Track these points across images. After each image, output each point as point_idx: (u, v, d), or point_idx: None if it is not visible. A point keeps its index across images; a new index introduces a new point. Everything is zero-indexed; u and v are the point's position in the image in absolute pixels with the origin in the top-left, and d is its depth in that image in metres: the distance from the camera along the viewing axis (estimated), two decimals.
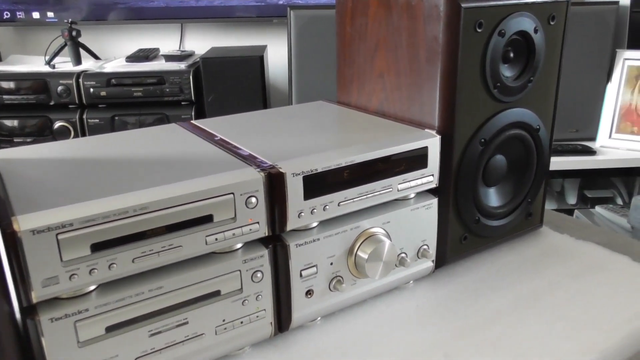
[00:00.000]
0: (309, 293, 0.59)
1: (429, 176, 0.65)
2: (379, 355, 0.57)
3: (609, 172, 1.78)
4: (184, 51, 1.86)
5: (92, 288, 0.47)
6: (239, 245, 0.55)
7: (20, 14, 1.88)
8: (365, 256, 0.60)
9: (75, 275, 0.44)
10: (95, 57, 1.91)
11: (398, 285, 0.68)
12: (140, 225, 0.46)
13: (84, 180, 0.51)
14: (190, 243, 0.49)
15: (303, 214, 0.56)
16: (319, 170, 0.56)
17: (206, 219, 0.50)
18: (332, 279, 0.60)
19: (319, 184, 0.56)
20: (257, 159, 0.56)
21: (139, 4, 1.86)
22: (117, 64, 1.78)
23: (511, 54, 0.67)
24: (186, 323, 0.51)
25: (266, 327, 0.57)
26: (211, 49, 1.88)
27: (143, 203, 0.46)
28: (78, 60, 1.80)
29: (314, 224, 0.59)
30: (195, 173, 0.51)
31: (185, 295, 0.50)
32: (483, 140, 0.68)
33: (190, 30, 2.03)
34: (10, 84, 1.67)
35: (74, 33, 1.77)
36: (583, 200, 1.85)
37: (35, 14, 1.88)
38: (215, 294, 0.52)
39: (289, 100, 1.64)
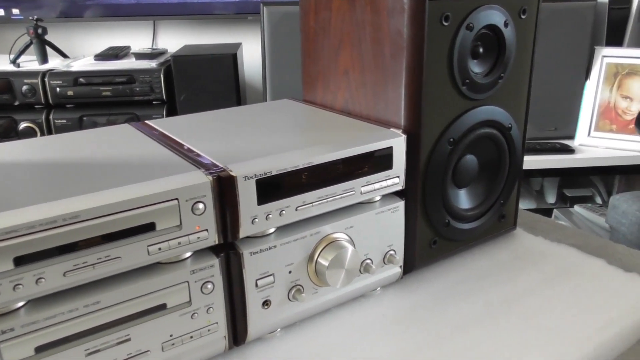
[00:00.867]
0: (266, 304, 0.55)
1: (395, 178, 0.62)
2: None
3: (588, 171, 1.77)
4: (155, 49, 1.81)
5: (20, 305, 0.43)
6: (188, 255, 0.51)
7: None
8: (326, 263, 0.57)
9: None
10: (63, 56, 1.85)
11: (364, 292, 0.65)
12: (70, 236, 0.42)
13: (10, 186, 0.46)
14: (130, 254, 0.45)
15: (257, 220, 0.52)
16: (273, 173, 0.52)
17: (147, 228, 0.46)
18: (292, 288, 0.57)
19: (274, 188, 0.53)
20: (208, 161, 0.53)
21: (110, 0, 1.81)
22: (85, 63, 1.73)
23: (480, 49, 0.64)
24: (128, 340, 0.47)
25: (219, 342, 0.53)
26: (184, 47, 1.84)
27: (74, 212, 0.42)
28: (44, 59, 1.74)
29: (271, 230, 0.55)
30: (136, 177, 0.47)
31: (126, 310, 0.47)
32: (452, 139, 0.65)
33: (164, 27, 1.98)
34: None
35: (40, 31, 1.71)
36: (562, 199, 1.83)
37: (0, 11, 1.82)
38: (160, 308, 0.49)
39: (264, 98, 1.60)
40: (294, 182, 0.54)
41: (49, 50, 1.78)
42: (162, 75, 1.63)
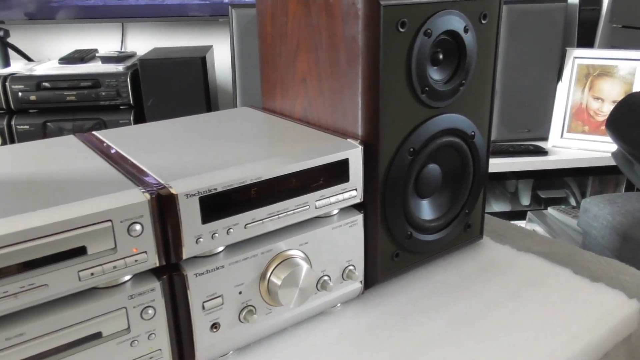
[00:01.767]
0: (214, 327, 0.52)
1: (352, 191, 0.59)
2: None
3: (562, 172, 1.76)
4: (122, 52, 1.76)
5: None
6: (127, 278, 0.48)
7: None
8: (279, 282, 0.54)
9: None
10: (27, 59, 1.80)
11: (323, 309, 0.62)
12: None
13: None
14: (58, 280, 0.42)
15: (202, 240, 0.49)
16: (218, 190, 0.49)
17: (77, 252, 0.43)
18: (243, 309, 0.54)
19: (219, 206, 0.50)
20: (149, 177, 0.49)
21: (75, 2, 1.76)
22: (50, 66, 1.68)
23: (440, 56, 0.62)
24: None
25: None
26: (153, 50, 1.80)
27: None
28: (6, 62, 1.69)
29: (220, 249, 0.52)
30: (67, 197, 0.44)
31: (55, 341, 0.43)
32: (412, 149, 0.62)
33: (133, 30, 1.94)
34: None
35: (2, 33, 1.66)
36: (537, 201, 1.82)
37: None
38: (95, 337, 0.45)
39: (234, 103, 1.57)
40: (241, 199, 0.51)
41: (11, 53, 1.73)
42: (129, 80, 1.58)
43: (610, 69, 1.65)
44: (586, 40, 1.80)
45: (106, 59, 1.66)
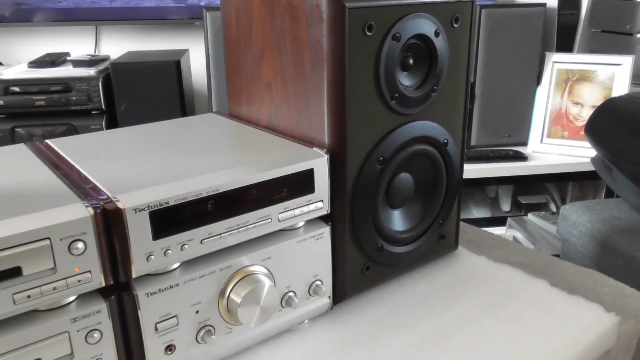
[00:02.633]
0: (169, 349, 0.49)
1: (318, 202, 0.56)
2: None
3: (542, 178, 1.75)
4: (94, 56, 1.71)
5: None
6: (71, 299, 0.44)
7: None
8: (239, 300, 0.51)
9: None
10: None
11: (289, 327, 0.59)
12: None
13: None
14: None
15: (153, 257, 0.46)
16: (171, 203, 0.46)
17: (11, 273, 0.39)
18: (200, 330, 0.51)
19: (172, 220, 0.46)
20: (97, 190, 0.46)
21: (46, 4, 1.71)
22: (18, 70, 1.62)
23: (410, 61, 0.59)
24: None
25: None
26: (127, 53, 1.75)
27: None
28: None
29: (175, 266, 0.49)
30: (2, 213, 0.41)
31: None
32: (382, 158, 0.59)
33: (107, 33, 1.89)
34: None
35: None
36: (517, 207, 1.81)
37: None
38: None
39: (209, 107, 1.53)
40: (197, 213, 0.48)
41: None
42: (101, 84, 1.54)
43: (589, 73, 1.64)
44: (565, 45, 1.80)
45: (77, 63, 1.61)
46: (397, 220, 0.65)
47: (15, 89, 1.52)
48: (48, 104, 1.53)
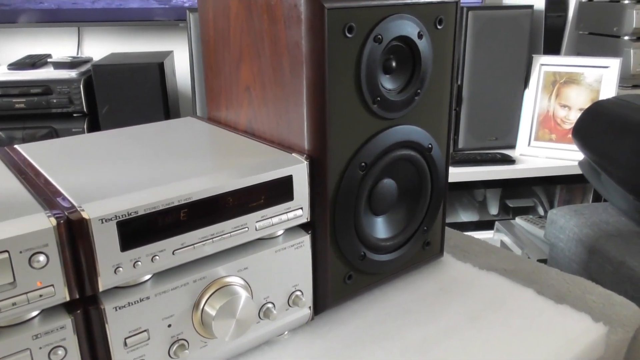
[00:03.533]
0: None
1: (297, 210, 0.54)
2: None
3: (530, 181, 1.74)
4: (76, 57, 1.68)
5: None
6: (33, 314, 0.42)
7: None
8: (213, 313, 0.49)
9: None
10: None
11: (268, 338, 0.57)
12: None
13: None
14: None
15: (121, 269, 0.44)
16: (140, 213, 0.44)
17: None
18: (173, 344, 0.49)
19: (142, 231, 0.44)
20: (63, 199, 0.44)
21: (27, 5, 1.68)
22: None
23: (393, 63, 0.58)
24: None
25: None
26: (110, 55, 1.72)
27: None
28: None
29: (146, 278, 0.47)
30: None
31: None
32: (364, 164, 0.58)
33: (90, 34, 1.86)
34: None
35: None
36: (505, 210, 1.80)
37: None
38: None
39: (193, 110, 1.51)
40: (168, 222, 0.46)
41: None
42: (82, 86, 1.51)
43: (576, 76, 1.63)
44: (553, 47, 1.79)
45: (58, 65, 1.58)
46: (380, 228, 0.63)
47: None
48: (28, 107, 1.49)
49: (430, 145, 0.63)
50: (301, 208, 0.55)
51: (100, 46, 1.87)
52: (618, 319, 0.62)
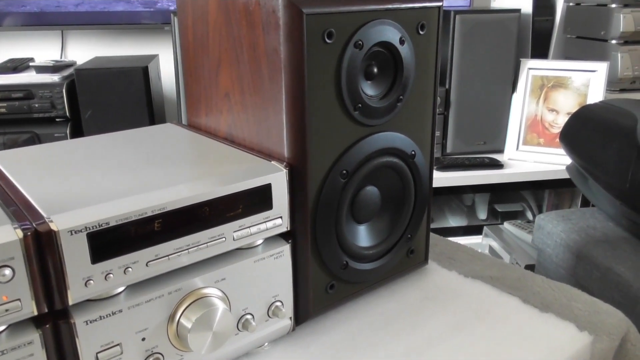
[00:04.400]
0: None
1: (277, 219, 0.53)
2: None
3: (518, 186, 1.74)
4: (59, 61, 1.66)
5: None
6: (0, 329, 0.40)
7: None
8: (189, 325, 0.47)
9: None
10: None
11: (248, 350, 0.56)
12: None
13: None
14: None
15: (92, 282, 0.42)
16: (111, 224, 0.42)
17: None
18: (147, 358, 0.47)
19: (113, 242, 0.43)
20: (31, 210, 0.42)
21: (9, 8, 1.65)
22: None
23: (374, 70, 0.57)
24: None
25: None
26: (93, 59, 1.70)
27: None
28: None
29: (119, 290, 0.46)
30: None
31: None
32: (345, 171, 0.57)
33: (74, 38, 1.84)
34: None
35: None
36: (494, 215, 1.80)
37: None
38: None
39: (178, 115, 1.49)
40: (141, 233, 0.44)
41: None
42: (65, 90, 1.49)
43: (564, 80, 1.63)
44: (540, 51, 1.79)
45: (41, 69, 1.56)
46: (363, 236, 0.62)
47: None
48: (9, 112, 1.47)
49: (413, 152, 0.63)
50: (281, 217, 0.53)
51: (84, 50, 1.85)
52: (604, 327, 0.61)
